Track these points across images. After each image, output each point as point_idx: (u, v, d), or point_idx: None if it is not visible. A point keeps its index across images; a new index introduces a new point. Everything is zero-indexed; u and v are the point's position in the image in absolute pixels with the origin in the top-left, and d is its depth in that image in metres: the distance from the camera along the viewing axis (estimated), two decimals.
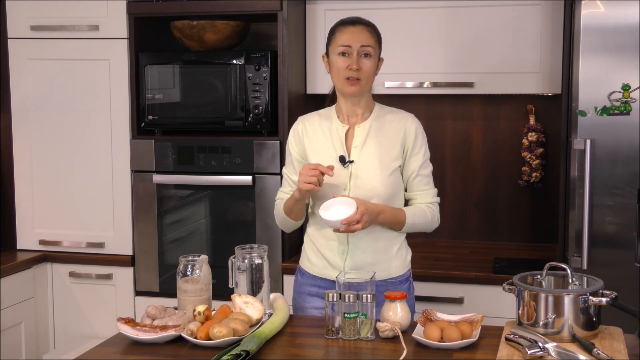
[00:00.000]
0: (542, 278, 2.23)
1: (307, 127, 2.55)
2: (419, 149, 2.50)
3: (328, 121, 2.53)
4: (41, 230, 3.59)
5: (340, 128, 2.50)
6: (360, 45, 2.41)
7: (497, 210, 3.65)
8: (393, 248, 2.51)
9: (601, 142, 2.86)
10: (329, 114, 2.56)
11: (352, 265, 2.46)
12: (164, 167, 3.41)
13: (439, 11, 3.35)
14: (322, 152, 2.49)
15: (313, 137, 2.53)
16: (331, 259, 2.49)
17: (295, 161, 2.56)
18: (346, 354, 2.13)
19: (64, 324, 3.58)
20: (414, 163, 2.50)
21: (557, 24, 3.22)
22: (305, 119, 2.58)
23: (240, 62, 3.30)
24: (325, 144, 2.50)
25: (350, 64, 2.41)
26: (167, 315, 2.31)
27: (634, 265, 2.84)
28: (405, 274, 2.55)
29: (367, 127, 2.49)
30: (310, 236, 2.56)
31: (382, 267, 2.47)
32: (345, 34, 2.43)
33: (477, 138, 3.64)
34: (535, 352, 1.96)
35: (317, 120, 2.56)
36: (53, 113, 3.53)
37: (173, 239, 3.49)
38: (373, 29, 2.47)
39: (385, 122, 2.51)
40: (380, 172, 2.44)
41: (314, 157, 2.50)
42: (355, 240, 2.46)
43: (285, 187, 2.61)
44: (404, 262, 2.55)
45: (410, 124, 2.50)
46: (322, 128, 2.52)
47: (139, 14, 3.40)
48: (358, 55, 2.42)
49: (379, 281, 2.44)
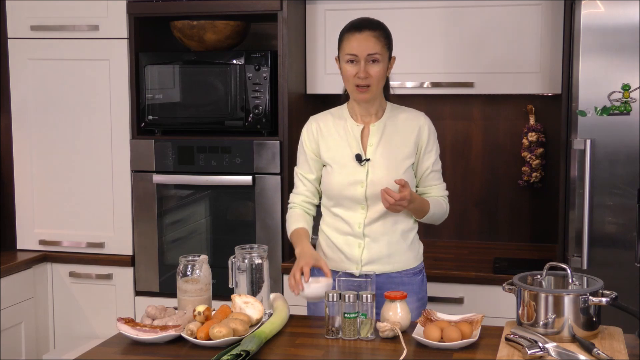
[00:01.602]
0: (542, 278, 2.24)
1: (321, 126, 2.58)
2: (432, 147, 2.56)
3: (342, 120, 2.57)
4: (41, 230, 3.59)
5: (355, 127, 2.53)
6: (366, 54, 2.42)
7: (497, 210, 3.65)
8: (407, 240, 2.55)
9: (601, 142, 2.86)
10: (342, 113, 2.58)
11: (369, 258, 2.51)
12: (164, 167, 3.41)
13: (439, 11, 3.35)
14: (337, 150, 2.53)
15: (328, 136, 2.56)
16: (348, 252, 2.53)
17: (310, 159, 2.59)
18: (346, 354, 2.13)
19: (64, 324, 3.58)
20: (428, 160, 2.56)
21: (557, 24, 3.22)
22: (318, 118, 2.61)
23: (240, 62, 3.30)
24: (341, 142, 2.54)
25: (358, 71, 2.43)
26: (167, 315, 2.31)
27: (634, 265, 2.84)
28: (418, 266, 2.59)
29: (381, 126, 2.53)
30: (325, 232, 2.59)
31: (397, 259, 2.52)
32: (351, 41, 2.44)
33: (477, 138, 3.64)
34: (535, 352, 1.96)
35: (330, 119, 2.59)
36: (53, 113, 3.52)
37: (173, 239, 3.48)
38: (380, 33, 2.46)
39: (398, 120, 2.55)
40: (395, 169, 2.48)
41: (328, 155, 2.54)
42: (370, 233, 2.50)
43: (299, 188, 2.63)
44: (417, 254, 2.60)
45: (423, 123, 2.56)
46: (337, 127, 2.56)
47: (139, 14, 3.40)
48: (365, 62, 2.42)
49: (394, 273, 2.52)
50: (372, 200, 2.48)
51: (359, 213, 2.51)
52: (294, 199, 2.64)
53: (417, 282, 2.56)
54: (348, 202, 2.51)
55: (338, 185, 2.51)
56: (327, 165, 2.55)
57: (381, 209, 2.48)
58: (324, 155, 2.55)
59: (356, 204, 2.50)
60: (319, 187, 2.62)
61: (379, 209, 2.48)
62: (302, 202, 2.62)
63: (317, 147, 2.57)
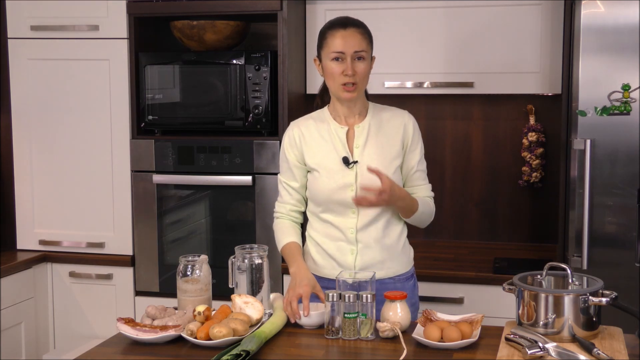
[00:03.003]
0: (542, 278, 2.23)
1: (303, 131, 2.52)
2: (416, 145, 2.52)
3: (324, 123, 2.51)
4: (41, 230, 3.59)
5: (340, 129, 2.48)
6: (353, 51, 2.38)
7: (497, 210, 3.65)
8: (399, 244, 2.52)
9: (601, 142, 2.86)
10: (323, 116, 2.53)
11: (362, 264, 2.46)
12: (164, 167, 3.41)
13: (438, 11, 3.35)
14: (323, 155, 2.47)
15: (311, 141, 2.50)
16: (340, 259, 2.48)
17: (294, 167, 2.52)
18: (346, 354, 2.13)
19: (64, 324, 3.58)
20: (413, 159, 2.51)
21: (557, 24, 3.22)
22: (299, 124, 2.55)
23: (240, 62, 3.30)
24: (325, 146, 2.48)
25: (345, 69, 2.38)
26: (167, 315, 2.31)
27: (634, 265, 2.84)
28: (410, 270, 2.57)
29: (366, 126, 2.49)
30: (314, 238, 2.53)
31: (390, 265, 2.48)
32: (337, 38, 2.39)
33: (477, 138, 3.64)
34: (535, 352, 1.96)
35: (312, 123, 2.53)
36: (53, 113, 3.53)
37: (173, 239, 3.49)
38: (364, 30, 2.43)
39: (382, 120, 2.51)
40: (385, 170, 2.41)
41: (314, 161, 2.48)
42: (363, 239, 2.46)
43: (284, 197, 2.56)
44: (409, 258, 2.57)
45: (407, 121, 2.52)
46: (320, 131, 2.50)
47: (139, 14, 3.40)
48: (352, 59, 2.39)
49: (387, 279, 2.47)
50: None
51: (350, 218, 2.45)
52: (280, 209, 2.58)
53: (409, 287, 2.52)
54: (338, 207, 2.45)
55: (326, 191, 2.44)
56: (313, 171, 2.48)
57: (373, 212, 2.44)
58: (309, 162, 2.49)
59: (346, 208, 2.45)
60: (304, 194, 2.55)
61: (371, 212, 2.44)
62: (289, 211, 2.56)
63: (301, 154, 2.50)
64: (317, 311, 2.31)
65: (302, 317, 2.28)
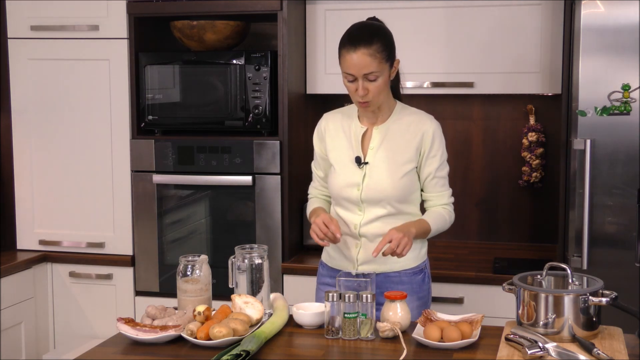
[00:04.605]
0: (542, 278, 2.23)
1: (329, 125, 2.59)
2: (435, 152, 2.51)
3: (349, 120, 2.56)
4: (41, 230, 3.59)
5: (359, 129, 2.53)
6: (362, 74, 2.38)
7: (497, 210, 3.65)
8: None
9: (601, 142, 2.86)
10: (351, 113, 2.58)
11: (364, 258, 2.50)
12: (164, 167, 3.41)
13: (439, 11, 3.35)
14: (340, 151, 2.54)
15: (334, 136, 2.57)
16: (345, 251, 2.54)
17: (320, 158, 2.62)
18: (346, 354, 2.13)
19: (64, 324, 3.58)
20: (431, 166, 2.51)
21: (557, 24, 3.22)
22: (329, 117, 2.62)
23: (240, 62, 3.30)
24: (344, 143, 2.54)
25: (357, 89, 2.40)
26: (167, 315, 2.31)
27: (634, 265, 2.84)
28: (419, 265, 2.57)
29: (384, 129, 2.51)
30: None
31: (394, 260, 2.48)
32: (347, 61, 2.39)
33: (477, 138, 3.64)
34: (535, 352, 1.96)
35: (339, 118, 2.59)
36: (53, 113, 3.52)
37: (173, 239, 3.48)
38: (376, 48, 2.37)
39: (402, 124, 2.52)
40: (392, 174, 2.46)
41: (332, 155, 2.55)
42: (367, 233, 2.50)
43: (315, 182, 2.69)
44: (418, 254, 2.57)
45: (428, 127, 2.51)
46: (344, 127, 2.56)
47: (139, 14, 3.40)
48: (363, 80, 2.39)
49: (392, 272, 2.51)
50: (367, 203, 2.48)
51: (356, 214, 2.51)
52: (312, 191, 2.71)
53: (417, 281, 2.54)
54: (346, 203, 2.52)
55: (337, 186, 2.52)
56: (331, 165, 2.56)
57: (377, 212, 2.48)
58: (329, 155, 2.57)
59: (353, 205, 2.50)
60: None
61: (375, 211, 2.48)
62: (319, 193, 2.69)
63: (324, 146, 2.59)
64: (317, 311, 2.31)
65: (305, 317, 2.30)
